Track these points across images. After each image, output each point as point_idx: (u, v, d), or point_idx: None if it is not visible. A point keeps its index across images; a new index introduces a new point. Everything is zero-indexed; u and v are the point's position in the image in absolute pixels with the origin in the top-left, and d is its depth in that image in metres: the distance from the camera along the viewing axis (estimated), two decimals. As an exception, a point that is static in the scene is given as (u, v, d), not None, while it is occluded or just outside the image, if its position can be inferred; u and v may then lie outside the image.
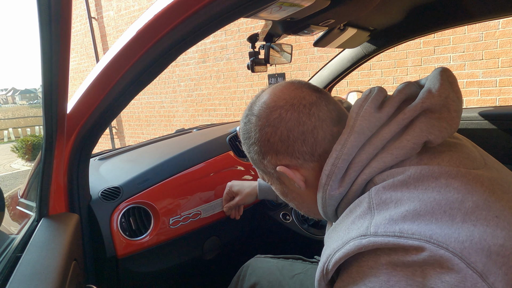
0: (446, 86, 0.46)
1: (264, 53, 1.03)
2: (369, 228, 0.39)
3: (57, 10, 0.46)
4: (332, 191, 0.47)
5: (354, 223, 0.41)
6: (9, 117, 19.49)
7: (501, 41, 2.71)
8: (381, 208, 0.40)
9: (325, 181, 0.47)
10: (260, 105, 0.52)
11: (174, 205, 0.92)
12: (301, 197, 0.56)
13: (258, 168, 0.57)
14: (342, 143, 0.45)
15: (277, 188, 0.58)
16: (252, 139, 0.53)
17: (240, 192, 0.99)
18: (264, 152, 0.52)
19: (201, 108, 5.32)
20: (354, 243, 0.39)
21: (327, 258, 0.42)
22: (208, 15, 0.54)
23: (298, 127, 0.49)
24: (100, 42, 6.42)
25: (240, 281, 0.90)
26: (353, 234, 0.40)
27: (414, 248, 0.36)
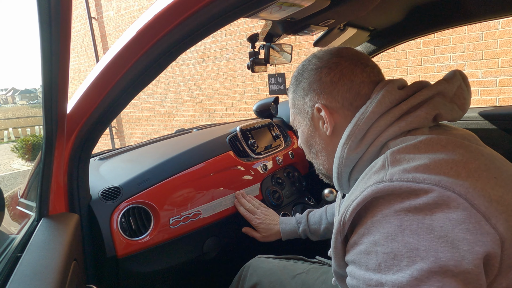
0: (458, 77, 0.56)
1: (264, 53, 1.03)
2: (384, 176, 0.44)
3: (57, 10, 0.46)
4: (351, 150, 0.52)
5: (370, 178, 0.46)
6: (9, 117, 19.48)
7: (501, 41, 2.71)
8: (395, 164, 0.45)
9: (345, 140, 0.53)
10: (324, 51, 0.61)
11: (174, 205, 0.92)
12: (322, 143, 0.61)
13: (295, 107, 0.64)
14: (364, 109, 0.53)
15: (304, 131, 0.64)
16: (304, 76, 0.61)
17: (265, 234, 1.00)
18: (310, 90, 0.59)
19: (201, 108, 5.32)
20: (371, 188, 0.43)
21: (345, 209, 0.46)
22: (208, 15, 0.54)
23: (350, 76, 0.56)
24: (100, 42, 6.42)
25: (241, 281, 0.90)
26: (370, 182, 0.45)
27: (424, 191, 0.40)
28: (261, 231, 1.00)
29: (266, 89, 4.32)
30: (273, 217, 1.03)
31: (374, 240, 0.42)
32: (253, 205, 1.04)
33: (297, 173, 1.34)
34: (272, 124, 1.38)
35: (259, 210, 1.03)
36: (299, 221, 1.00)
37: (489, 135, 1.21)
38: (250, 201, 1.06)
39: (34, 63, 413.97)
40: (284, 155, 1.29)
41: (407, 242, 0.39)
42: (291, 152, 1.34)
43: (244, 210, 1.02)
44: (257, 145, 1.22)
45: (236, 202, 1.04)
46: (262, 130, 1.31)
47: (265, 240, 1.00)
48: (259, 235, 1.00)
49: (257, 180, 1.14)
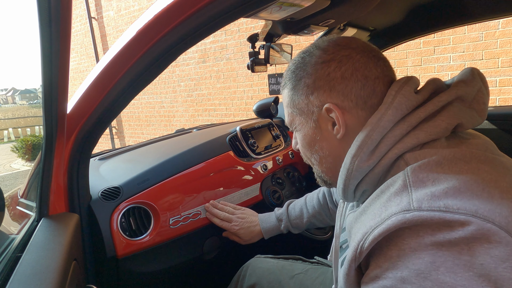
0: (478, 80, 0.50)
1: (264, 53, 1.03)
2: (411, 203, 0.38)
3: (57, 10, 0.46)
4: (361, 162, 0.47)
5: (391, 200, 0.41)
6: (9, 117, 19.48)
7: (501, 41, 2.71)
8: (418, 185, 0.40)
9: (355, 151, 0.47)
10: (329, 42, 0.53)
11: (174, 205, 0.92)
12: (329, 147, 0.54)
13: (295, 107, 0.56)
14: (379, 116, 0.46)
15: (307, 134, 0.56)
16: (307, 71, 0.53)
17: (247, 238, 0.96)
18: (316, 87, 0.52)
19: (201, 108, 5.32)
20: (397, 217, 0.38)
21: (363, 236, 0.41)
22: (208, 15, 0.54)
23: (363, 71, 0.50)
24: (100, 42, 6.42)
25: (240, 281, 0.90)
26: (394, 209, 0.39)
27: (460, 223, 0.35)
28: (242, 236, 0.96)
29: (266, 89, 4.33)
30: (251, 218, 0.98)
31: (402, 277, 0.37)
32: (227, 211, 0.98)
33: (297, 173, 1.34)
34: (272, 124, 1.38)
35: (235, 215, 0.97)
36: (279, 217, 0.97)
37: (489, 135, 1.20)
38: (223, 208, 0.99)
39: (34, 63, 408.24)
40: (284, 155, 1.29)
41: (442, 282, 0.34)
42: (291, 152, 1.34)
43: (219, 221, 0.96)
44: (257, 145, 1.22)
45: (208, 215, 0.97)
46: (262, 130, 1.31)
47: (248, 243, 0.97)
48: (241, 240, 0.96)
49: (257, 180, 1.14)
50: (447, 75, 3.02)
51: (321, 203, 0.95)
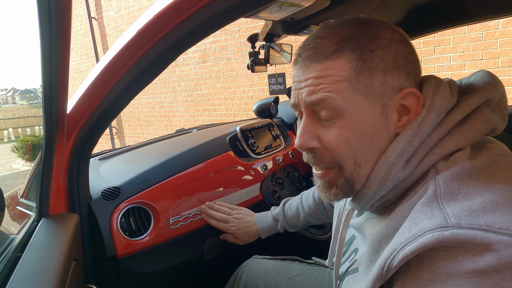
0: (502, 84, 0.47)
1: (264, 53, 1.03)
2: (447, 218, 0.34)
3: (57, 10, 0.45)
4: (398, 171, 0.42)
5: (419, 212, 0.37)
6: (9, 117, 19.48)
7: (501, 41, 2.71)
8: (450, 198, 0.36)
9: (394, 159, 0.43)
10: (386, 24, 0.46)
11: (174, 205, 0.92)
12: (387, 143, 0.45)
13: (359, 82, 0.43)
14: (420, 120, 0.42)
15: (367, 121, 0.44)
16: (384, 44, 0.44)
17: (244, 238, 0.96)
18: (396, 66, 0.44)
19: (201, 108, 5.32)
20: (433, 235, 0.34)
21: (391, 253, 0.37)
22: (208, 15, 0.54)
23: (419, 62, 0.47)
24: (100, 42, 6.42)
25: (236, 282, 0.90)
26: (426, 224, 0.35)
27: (505, 245, 0.31)
28: (239, 237, 0.96)
29: (266, 89, 4.32)
30: (248, 218, 0.98)
31: None
32: (224, 212, 0.97)
33: (297, 173, 1.34)
34: (272, 124, 1.38)
35: (231, 215, 0.97)
36: (276, 217, 0.97)
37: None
38: (219, 209, 0.97)
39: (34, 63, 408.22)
40: (284, 155, 1.29)
41: None
42: (291, 152, 1.34)
43: (216, 222, 0.95)
44: (257, 145, 1.22)
45: (204, 217, 0.96)
46: (262, 130, 1.31)
47: (246, 243, 0.98)
48: (238, 241, 0.97)
49: (257, 180, 1.14)
50: (447, 75, 3.02)
51: (317, 202, 0.95)
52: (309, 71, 0.45)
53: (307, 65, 0.46)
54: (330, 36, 0.45)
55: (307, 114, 0.47)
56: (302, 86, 0.46)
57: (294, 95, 0.48)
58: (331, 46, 0.44)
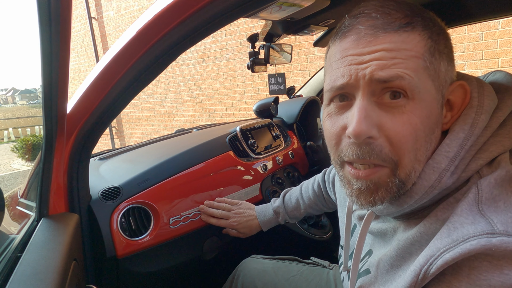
0: None
1: (264, 53, 1.03)
2: (493, 224, 0.32)
3: (57, 10, 0.45)
4: (448, 178, 0.38)
5: (458, 215, 0.34)
6: (9, 117, 19.48)
7: (501, 41, 2.71)
8: (490, 204, 0.34)
9: (445, 165, 0.38)
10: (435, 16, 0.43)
11: (174, 205, 0.92)
12: (438, 138, 0.41)
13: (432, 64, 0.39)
14: (471, 122, 0.38)
15: (433, 112, 0.39)
16: (443, 31, 0.41)
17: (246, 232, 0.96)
18: (452, 58, 0.42)
19: (201, 108, 5.32)
20: (479, 241, 0.31)
21: (428, 260, 0.34)
22: (208, 15, 0.54)
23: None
24: (100, 42, 6.41)
25: (234, 281, 0.90)
26: (469, 230, 0.32)
27: None
28: (241, 231, 0.96)
29: (266, 89, 4.32)
30: (249, 212, 0.98)
31: None
32: (224, 208, 0.96)
33: (297, 173, 1.33)
34: (272, 124, 1.38)
35: (232, 211, 0.96)
36: (276, 210, 0.96)
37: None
38: (219, 205, 0.96)
39: (34, 63, 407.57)
40: (284, 155, 1.29)
41: None
42: (291, 152, 1.34)
43: (216, 220, 0.94)
44: (257, 145, 1.22)
45: (204, 217, 0.95)
46: (262, 130, 1.31)
47: (248, 236, 0.98)
48: (241, 234, 0.97)
49: (257, 180, 1.14)
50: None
51: (316, 193, 0.95)
52: (379, 42, 0.38)
53: (375, 35, 0.38)
54: (400, 8, 0.39)
55: (366, 95, 0.39)
56: (367, 60, 0.38)
57: (348, 72, 0.39)
58: (404, 18, 0.38)
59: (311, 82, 1.77)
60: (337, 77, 0.41)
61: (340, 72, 0.40)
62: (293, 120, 1.50)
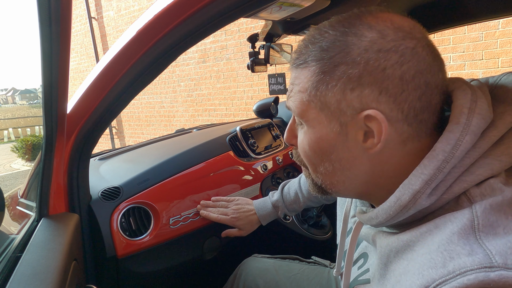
0: None
1: (264, 53, 1.03)
2: (491, 256, 0.30)
3: (57, 10, 0.46)
4: (424, 200, 0.37)
5: (454, 243, 0.32)
6: (9, 117, 19.49)
7: (501, 41, 2.71)
8: (488, 231, 0.32)
9: (420, 187, 0.37)
10: (386, 23, 0.39)
11: (174, 205, 0.92)
12: (351, 161, 0.42)
13: (317, 98, 0.41)
14: (453, 143, 0.36)
15: (324, 137, 0.42)
16: (351, 57, 0.38)
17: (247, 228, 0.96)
18: (361, 83, 0.38)
19: (201, 108, 5.32)
20: (477, 276, 0.29)
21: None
22: (208, 15, 0.54)
23: (427, 75, 0.37)
24: (100, 42, 6.42)
25: (236, 280, 0.90)
26: (466, 262, 0.30)
27: None
28: (242, 227, 0.95)
29: (266, 89, 4.32)
30: (247, 207, 0.97)
31: None
32: (221, 206, 0.97)
33: (297, 173, 1.33)
34: (272, 124, 1.38)
35: (229, 208, 0.96)
36: (275, 204, 0.96)
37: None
38: (216, 204, 0.97)
39: (34, 63, 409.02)
40: (284, 155, 1.29)
41: None
42: (291, 152, 1.34)
43: (216, 216, 0.94)
44: (257, 145, 1.22)
45: (204, 214, 0.94)
46: (262, 130, 1.31)
47: (249, 233, 0.97)
48: (242, 232, 0.96)
49: (257, 180, 1.14)
50: (447, 75, 3.01)
51: None
52: (291, 76, 0.45)
53: (291, 70, 0.45)
54: (308, 43, 0.42)
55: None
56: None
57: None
58: (304, 54, 0.42)
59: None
60: None
61: None
62: (293, 120, 1.50)
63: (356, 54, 0.38)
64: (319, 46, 0.41)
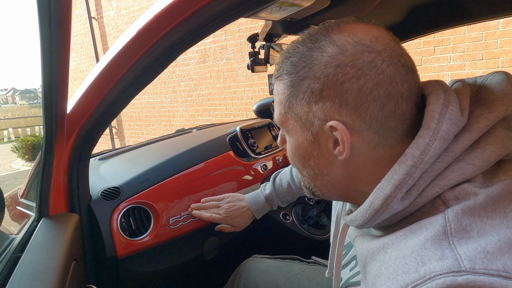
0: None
1: (264, 53, 1.03)
2: (460, 261, 0.30)
3: (57, 10, 0.46)
4: (396, 204, 0.38)
5: (427, 249, 0.33)
6: (9, 117, 19.49)
7: (501, 41, 2.71)
8: (461, 236, 0.32)
9: (390, 192, 0.38)
10: (348, 37, 0.40)
11: (174, 205, 0.93)
12: (328, 166, 0.44)
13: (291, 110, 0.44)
14: (422, 148, 0.37)
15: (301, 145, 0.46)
16: (313, 72, 0.40)
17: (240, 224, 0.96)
18: (323, 96, 0.40)
19: (201, 108, 5.32)
20: (444, 280, 0.30)
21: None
22: (208, 15, 0.54)
23: (387, 87, 0.38)
24: (100, 42, 6.42)
25: (236, 281, 0.91)
26: (436, 266, 0.31)
27: None
28: (235, 224, 0.94)
29: (266, 89, 4.33)
30: (239, 203, 0.96)
31: None
32: (212, 206, 0.95)
33: (297, 173, 1.34)
34: (272, 124, 1.38)
35: (221, 207, 0.95)
36: (268, 198, 0.97)
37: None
38: (206, 205, 0.95)
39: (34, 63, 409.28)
40: (284, 155, 1.29)
41: None
42: (291, 152, 1.34)
43: (209, 215, 0.93)
44: (257, 145, 1.22)
45: (197, 214, 0.93)
46: (262, 130, 1.31)
47: (243, 228, 0.97)
48: (236, 228, 0.95)
49: (257, 180, 1.14)
50: (447, 75, 3.02)
51: None
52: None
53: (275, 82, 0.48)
54: (283, 57, 0.45)
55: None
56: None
57: None
58: (281, 68, 0.45)
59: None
60: None
61: None
62: (293, 120, 1.50)
63: (317, 69, 0.40)
64: (290, 61, 0.43)
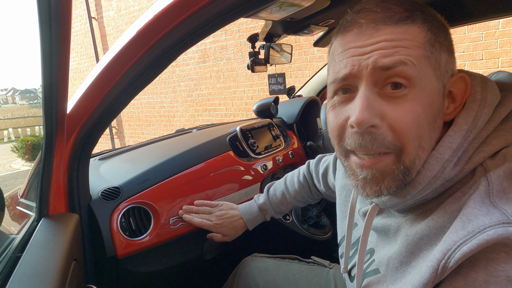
0: None
1: (264, 53, 1.03)
2: (507, 214, 0.32)
3: (57, 10, 0.46)
4: (451, 169, 0.39)
5: (471, 207, 0.35)
6: (9, 117, 19.49)
7: (501, 41, 2.71)
8: (501, 196, 0.34)
9: (449, 156, 0.39)
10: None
11: (174, 205, 0.92)
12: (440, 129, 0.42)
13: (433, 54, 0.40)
14: (474, 114, 0.40)
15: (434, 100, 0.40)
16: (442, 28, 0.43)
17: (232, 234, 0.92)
18: (453, 51, 0.44)
19: (201, 108, 5.32)
20: (496, 231, 0.31)
21: (445, 254, 0.34)
22: (208, 15, 0.54)
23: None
24: (100, 42, 6.42)
25: (236, 279, 0.91)
26: (485, 221, 0.33)
27: None
28: (226, 233, 0.91)
29: (266, 89, 4.32)
30: (231, 212, 0.93)
31: None
32: (204, 211, 0.92)
33: (297, 173, 1.34)
34: (272, 124, 1.38)
35: (212, 214, 0.92)
36: (262, 207, 0.94)
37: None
38: (199, 209, 0.93)
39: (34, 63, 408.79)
40: (284, 155, 1.29)
41: None
42: (291, 152, 1.34)
43: (200, 220, 0.90)
44: (257, 145, 1.22)
45: (188, 219, 0.90)
46: (262, 130, 1.31)
47: (233, 238, 0.94)
48: (226, 237, 0.91)
49: (257, 180, 1.14)
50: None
51: (302, 185, 0.93)
52: (380, 34, 0.39)
53: (377, 28, 0.40)
54: (400, 3, 0.41)
55: (369, 86, 0.40)
56: (369, 51, 0.39)
57: (350, 63, 0.41)
58: (404, 12, 0.40)
59: (311, 82, 1.77)
60: (340, 68, 0.42)
61: (343, 63, 0.42)
62: (293, 120, 1.50)
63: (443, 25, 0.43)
64: (417, 7, 0.41)
